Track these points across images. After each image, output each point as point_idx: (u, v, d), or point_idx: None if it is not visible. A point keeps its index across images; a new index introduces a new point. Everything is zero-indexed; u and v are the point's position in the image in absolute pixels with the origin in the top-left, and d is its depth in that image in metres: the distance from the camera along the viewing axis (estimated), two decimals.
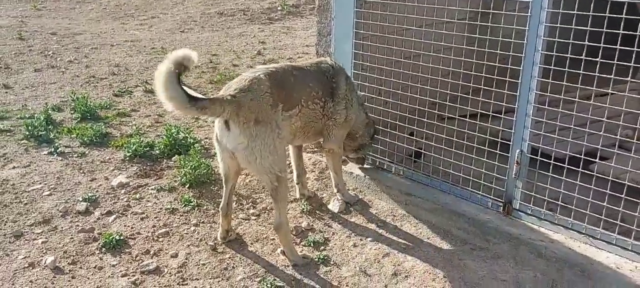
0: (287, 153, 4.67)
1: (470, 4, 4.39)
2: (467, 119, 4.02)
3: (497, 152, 3.60)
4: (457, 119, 4.05)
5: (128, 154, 4.76)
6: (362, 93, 4.34)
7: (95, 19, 12.54)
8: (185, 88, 2.85)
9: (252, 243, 3.62)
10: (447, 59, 3.81)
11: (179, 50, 2.76)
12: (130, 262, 3.37)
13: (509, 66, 3.42)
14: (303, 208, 4.02)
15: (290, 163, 4.15)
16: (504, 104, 3.57)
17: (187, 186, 4.28)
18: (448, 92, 3.89)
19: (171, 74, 2.73)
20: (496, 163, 3.61)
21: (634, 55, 2.90)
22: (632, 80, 3.06)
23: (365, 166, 4.42)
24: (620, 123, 3.28)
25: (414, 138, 4.35)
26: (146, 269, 3.30)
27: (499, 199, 3.66)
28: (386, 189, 4.13)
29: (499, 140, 3.61)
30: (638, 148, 3.62)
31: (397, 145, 4.20)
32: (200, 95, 3.02)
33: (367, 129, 4.10)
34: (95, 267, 3.31)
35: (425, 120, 4.00)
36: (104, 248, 3.48)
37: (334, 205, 4.04)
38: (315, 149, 4.80)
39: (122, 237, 3.58)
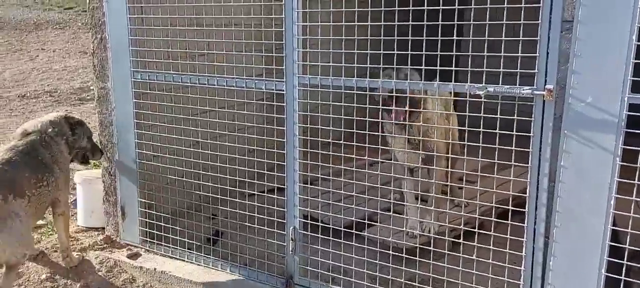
0: None
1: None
2: (266, 194, 4.13)
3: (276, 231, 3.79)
4: (256, 197, 4.11)
5: None
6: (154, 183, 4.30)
7: None
8: None
9: None
10: (244, 138, 4.03)
11: None
12: None
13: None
14: None
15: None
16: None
17: None
18: (247, 169, 3.96)
19: None
20: (276, 241, 3.78)
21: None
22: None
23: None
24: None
25: (210, 222, 4.35)
26: None
27: (282, 276, 3.81)
28: (177, 281, 4.04)
29: (275, 219, 3.80)
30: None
31: (193, 233, 4.15)
32: None
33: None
34: None
35: (225, 200, 3.97)
36: None
37: None
38: (105, 246, 4.53)
39: None
